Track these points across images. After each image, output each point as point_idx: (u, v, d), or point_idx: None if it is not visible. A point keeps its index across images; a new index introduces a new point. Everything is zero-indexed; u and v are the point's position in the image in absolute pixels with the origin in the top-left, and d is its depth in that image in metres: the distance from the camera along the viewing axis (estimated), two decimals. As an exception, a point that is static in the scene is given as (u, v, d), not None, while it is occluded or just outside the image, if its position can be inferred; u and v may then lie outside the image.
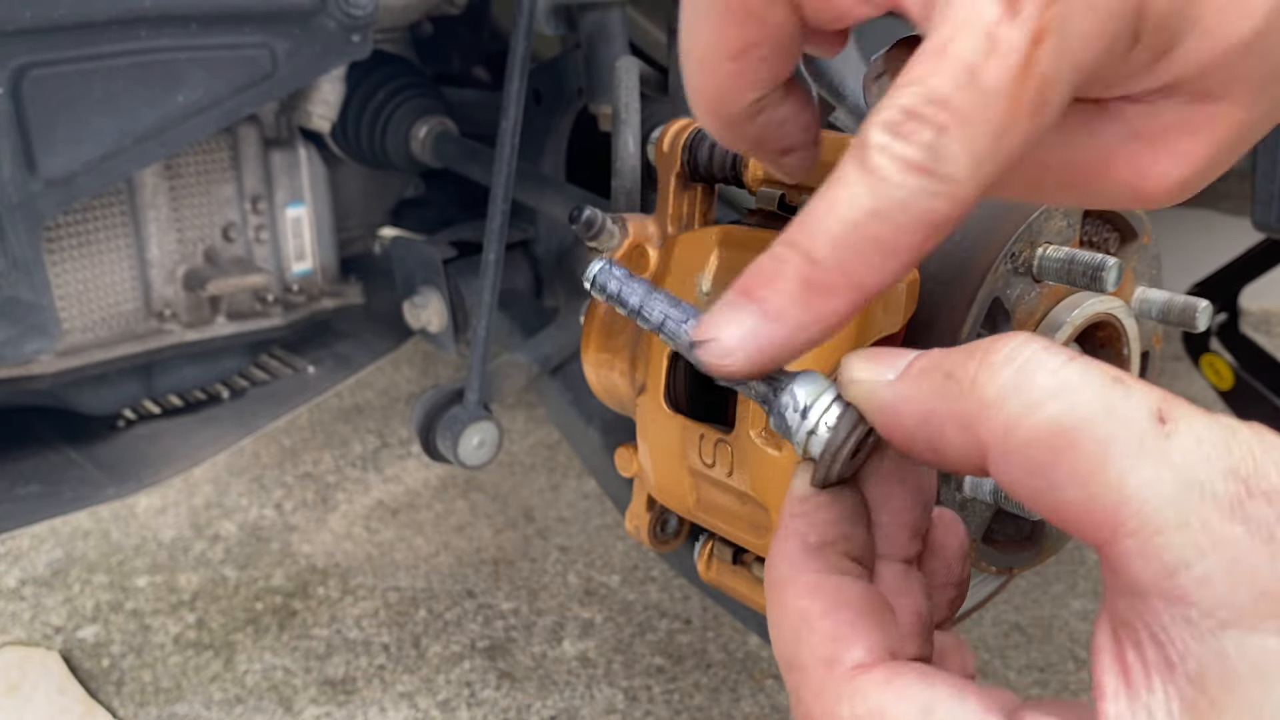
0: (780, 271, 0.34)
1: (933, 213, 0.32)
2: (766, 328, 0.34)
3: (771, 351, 0.34)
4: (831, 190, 0.33)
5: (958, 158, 0.32)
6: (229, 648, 1.63)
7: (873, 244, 0.33)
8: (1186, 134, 0.36)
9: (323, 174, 1.35)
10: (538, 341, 1.15)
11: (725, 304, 0.35)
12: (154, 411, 1.31)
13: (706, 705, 1.51)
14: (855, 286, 0.33)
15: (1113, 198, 0.38)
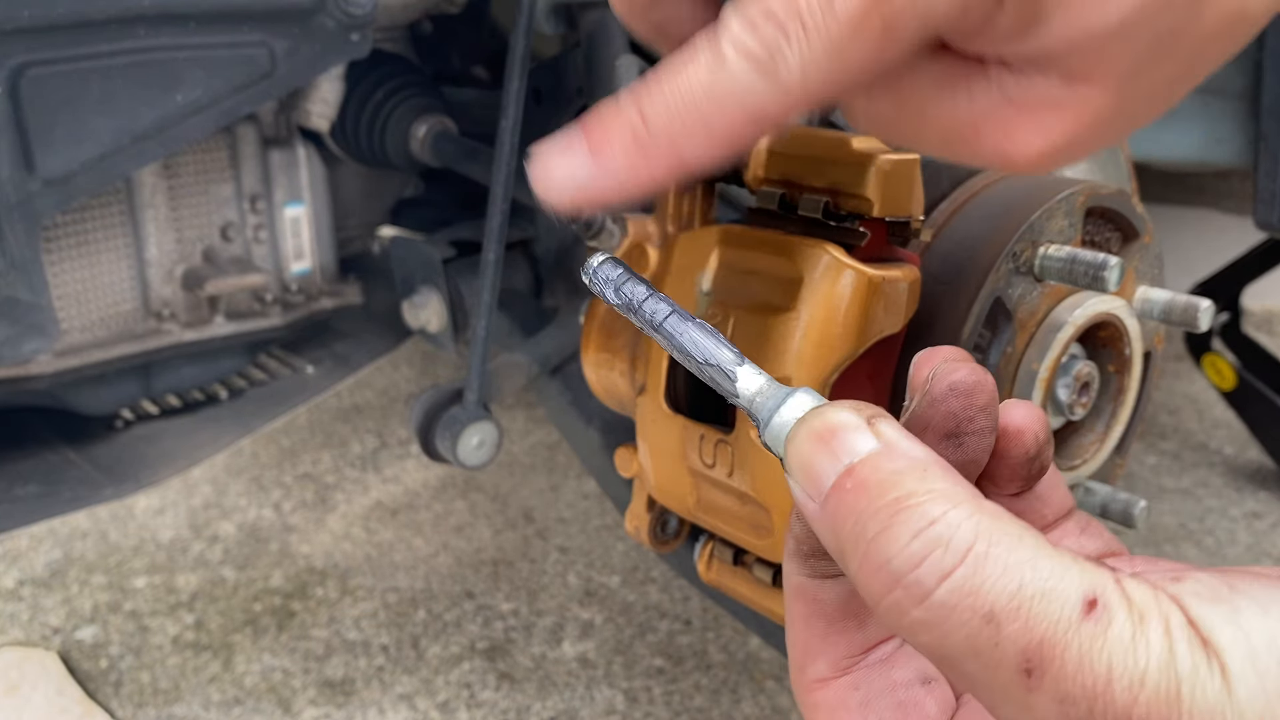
0: (615, 123, 0.36)
1: (757, 106, 0.35)
2: (591, 171, 0.37)
3: (590, 194, 0.37)
4: (680, 60, 0.36)
5: (791, 64, 0.34)
6: (227, 648, 1.63)
7: (698, 120, 0.35)
8: (1052, 109, 0.38)
9: (321, 173, 1.35)
10: (537, 341, 1.15)
11: (566, 141, 0.37)
12: (152, 412, 1.31)
13: (707, 706, 1.51)
14: (675, 155, 0.36)
15: (981, 158, 0.40)
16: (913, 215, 0.66)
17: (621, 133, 0.36)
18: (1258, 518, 1.89)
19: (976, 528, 0.30)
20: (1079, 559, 0.30)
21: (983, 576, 0.30)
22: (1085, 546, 0.41)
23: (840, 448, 0.33)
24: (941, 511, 0.30)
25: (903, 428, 0.34)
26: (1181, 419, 2.24)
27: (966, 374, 0.37)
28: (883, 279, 0.64)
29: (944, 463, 0.32)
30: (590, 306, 0.85)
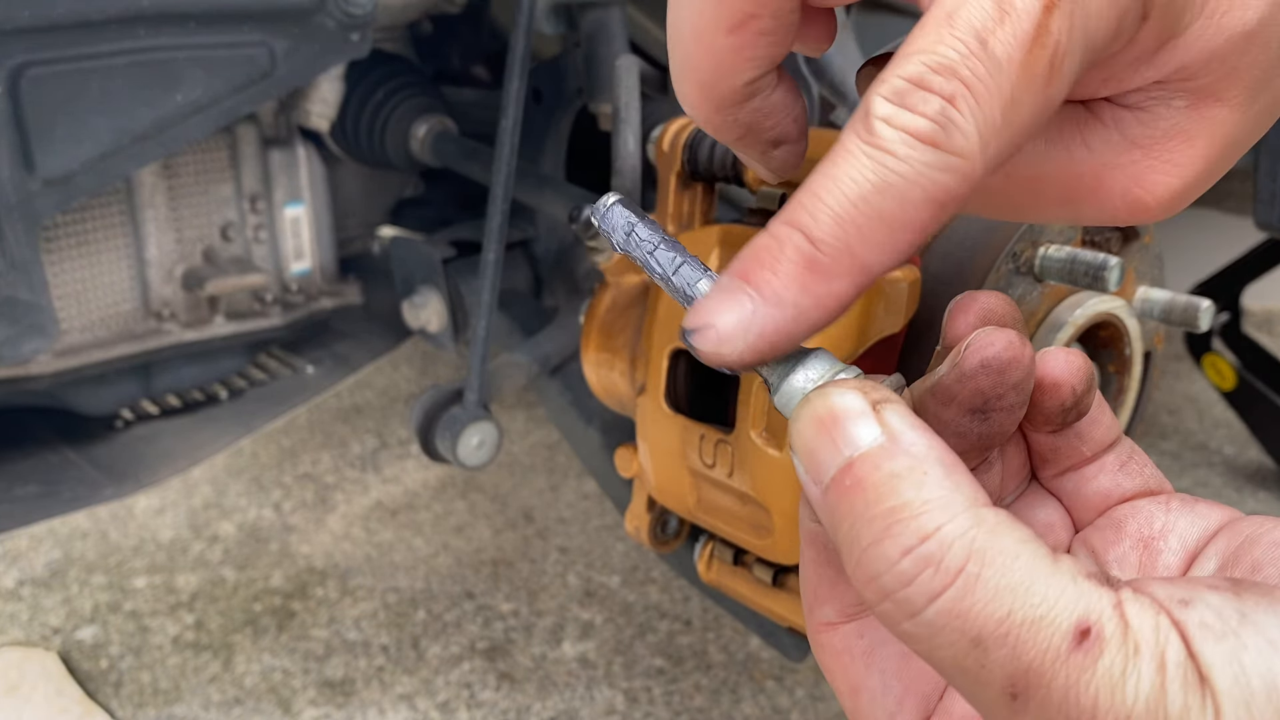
0: (779, 253, 0.32)
1: (941, 188, 0.31)
2: (765, 313, 0.32)
3: (771, 338, 0.33)
4: (833, 164, 0.32)
5: (967, 130, 0.30)
6: (227, 649, 1.63)
7: (877, 222, 0.31)
8: (1183, 141, 0.35)
9: (321, 173, 1.35)
10: (537, 341, 1.15)
11: (721, 287, 0.33)
12: (152, 412, 1.31)
13: (707, 707, 1.51)
14: (859, 267, 0.32)
15: (1110, 211, 0.37)
16: (913, 215, 0.66)
17: (789, 263, 0.32)
18: (1258, 518, 1.89)
19: (970, 546, 0.29)
20: (1079, 579, 0.29)
21: (971, 600, 0.29)
22: (1121, 485, 0.40)
23: (842, 438, 0.32)
24: (935, 527, 0.29)
25: (909, 414, 0.32)
26: (1181, 419, 2.24)
27: (1002, 349, 0.35)
28: (884, 280, 0.64)
29: (949, 460, 0.31)
30: (590, 306, 0.85)
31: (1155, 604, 0.29)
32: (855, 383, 0.33)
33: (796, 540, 0.68)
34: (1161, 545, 0.38)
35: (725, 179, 0.75)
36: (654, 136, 0.80)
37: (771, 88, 0.39)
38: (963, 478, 0.31)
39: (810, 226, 0.32)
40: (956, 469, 0.31)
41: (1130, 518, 0.39)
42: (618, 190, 0.88)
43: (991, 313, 0.38)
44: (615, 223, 0.38)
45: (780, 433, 0.66)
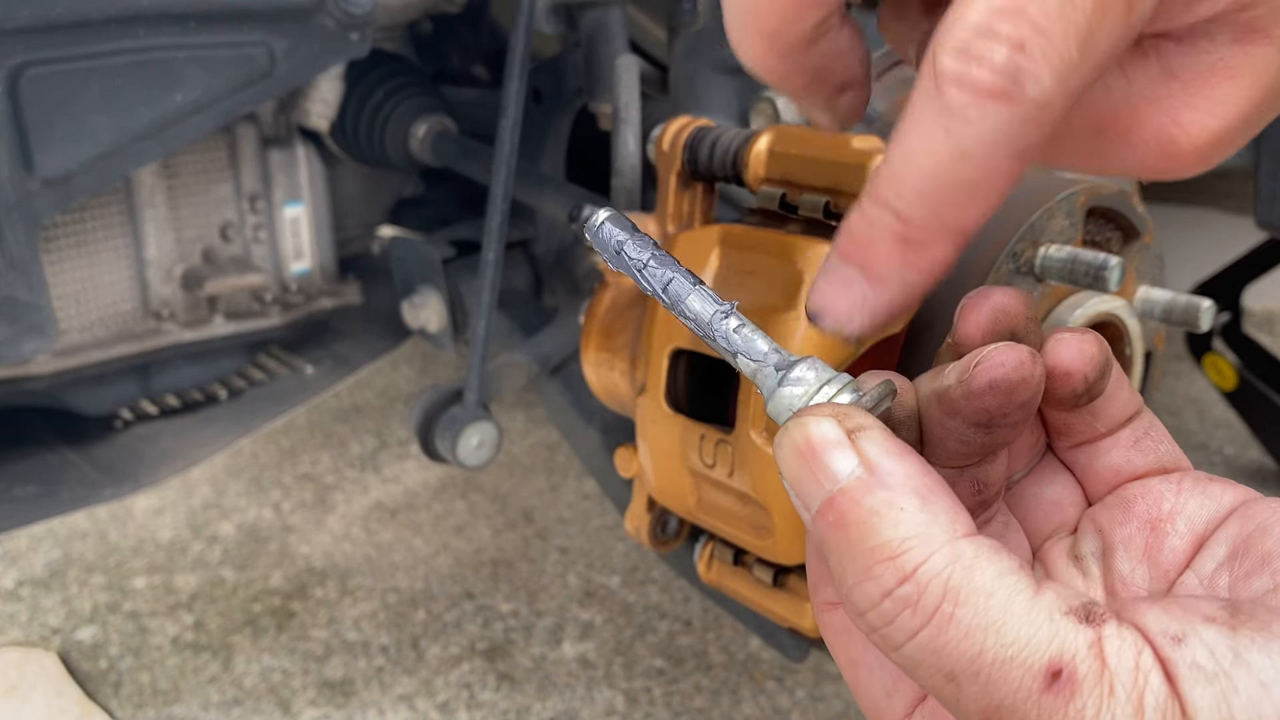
0: (874, 234, 0.32)
1: (1021, 140, 0.29)
2: (874, 292, 0.33)
3: (885, 311, 0.34)
4: (909, 135, 0.31)
5: (1040, 76, 0.28)
6: (227, 649, 1.63)
7: (962, 188, 0.30)
8: (1227, 77, 0.33)
9: (321, 173, 1.35)
10: (537, 341, 1.15)
11: (829, 273, 0.34)
12: (151, 412, 1.30)
13: (707, 707, 1.50)
14: (952, 232, 0.32)
15: (1140, 153, 0.35)
16: (913, 215, 0.66)
17: (885, 241, 0.32)
18: (1258, 518, 1.89)
19: (945, 585, 0.30)
20: (1057, 616, 0.29)
21: (945, 639, 0.29)
22: (1134, 461, 0.39)
23: (821, 472, 0.32)
24: (913, 567, 0.30)
25: (886, 440, 0.32)
26: (1182, 419, 2.24)
27: (1011, 370, 0.35)
28: (883, 279, 0.64)
29: (927, 487, 0.31)
30: (590, 306, 0.85)
31: (1144, 639, 0.29)
32: (831, 409, 0.34)
33: (796, 541, 0.68)
34: (1169, 528, 0.38)
35: (725, 179, 0.75)
36: (654, 136, 0.80)
37: (837, 28, 0.37)
38: (941, 505, 0.31)
39: (897, 205, 0.32)
40: (935, 496, 0.31)
41: (1140, 498, 0.39)
42: (617, 191, 0.88)
43: (1004, 313, 0.37)
44: (605, 240, 0.39)
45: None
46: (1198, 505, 0.38)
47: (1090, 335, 0.37)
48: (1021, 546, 0.41)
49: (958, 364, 0.36)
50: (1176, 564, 0.37)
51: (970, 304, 0.37)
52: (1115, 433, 0.39)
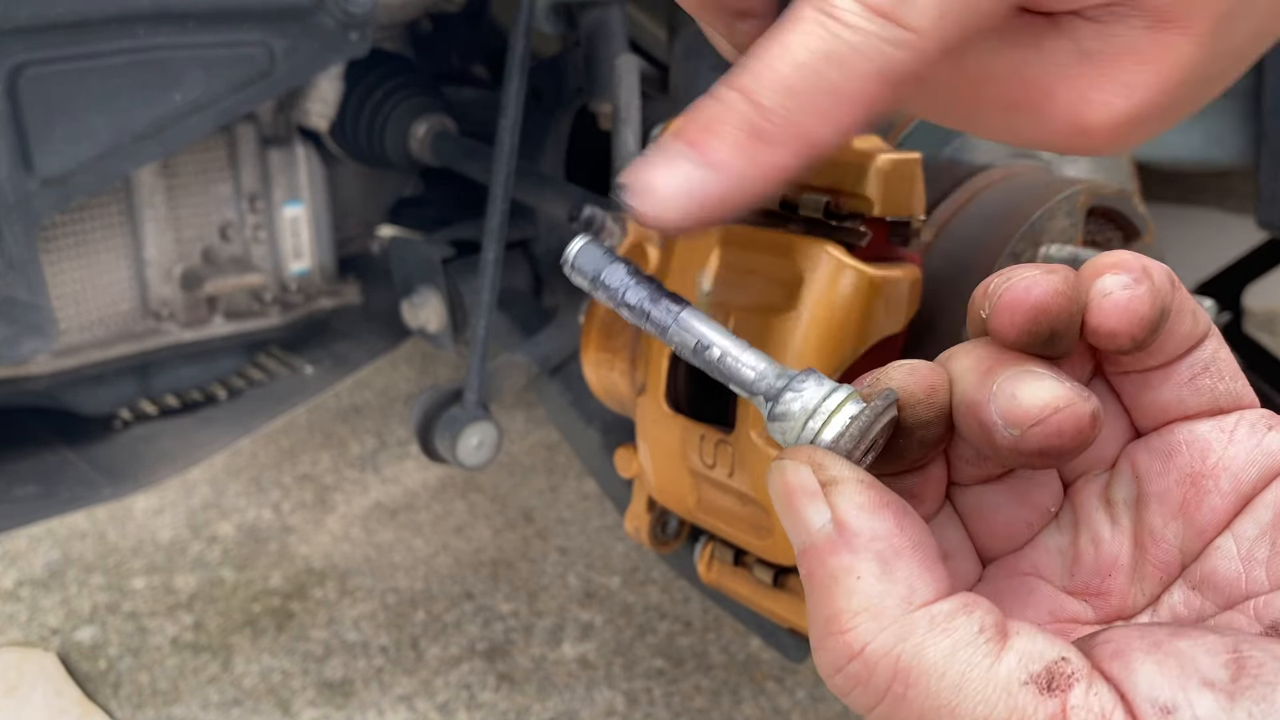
0: (723, 117, 0.31)
1: (892, 63, 0.30)
2: (704, 176, 0.31)
3: (713, 203, 0.31)
4: (784, 31, 0.31)
5: (923, 5, 0.29)
6: (226, 649, 1.63)
7: (824, 92, 0.30)
8: (1136, 62, 0.33)
9: (321, 173, 1.35)
10: (537, 341, 1.15)
11: (661, 150, 0.32)
12: (151, 412, 1.30)
13: (707, 708, 1.50)
14: (802, 137, 0.31)
15: (1051, 129, 0.34)
16: (914, 215, 0.65)
17: (732, 123, 0.31)
18: (1258, 518, 1.89)
19: (894, 666, 0.29)
20: (1016, 688, 0.28)
21: (900, 718, 0.29)
22: (1185, 401, 0.35)
23: (797, 521, 0.32)
24: (860, 646, 0.29)
25: (859, 494, 0.31)
26: (1182, 419, 2.24)
27: (1069, 438, 0.32)
28: (884, 279, 0.64)
29: (891, 551, 0.30)
30: (590, 306, 0.85)
31: (1122, 704, 0.28)
32: (809, 454, 0.32)
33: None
34: (1211, 485, 0.35)
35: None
36: (654, 135, 0.80)
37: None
38: (904, 571, 0.30)
39: (756, 92, 0.31)
40: (899, 560, 0.30)
41: (1185, 447, 0.36)
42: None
43: (1045, 314, 0.33)
44: (584, 272, 0.38)
45: (781, 433, 0.65)
46: (1248, 458, 0.35)
47: (1141, 293, 0.33)
48: (1051, 488, 0.38)
49: (1001, 404, 0.33)
50: (1215, 524, 0.35)
51: (1008, 301, 0.34)
52: (1170, 365, 0.36)
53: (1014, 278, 0.33)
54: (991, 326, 0.34)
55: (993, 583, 0.37)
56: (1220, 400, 0.36)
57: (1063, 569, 0.37)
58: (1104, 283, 0.34)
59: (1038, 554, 0.38)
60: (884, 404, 0.34)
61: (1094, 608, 0.36)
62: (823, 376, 0.35)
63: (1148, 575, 0.36)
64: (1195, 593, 0.35)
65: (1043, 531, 0.38)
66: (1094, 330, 0.34)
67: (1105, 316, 0.33)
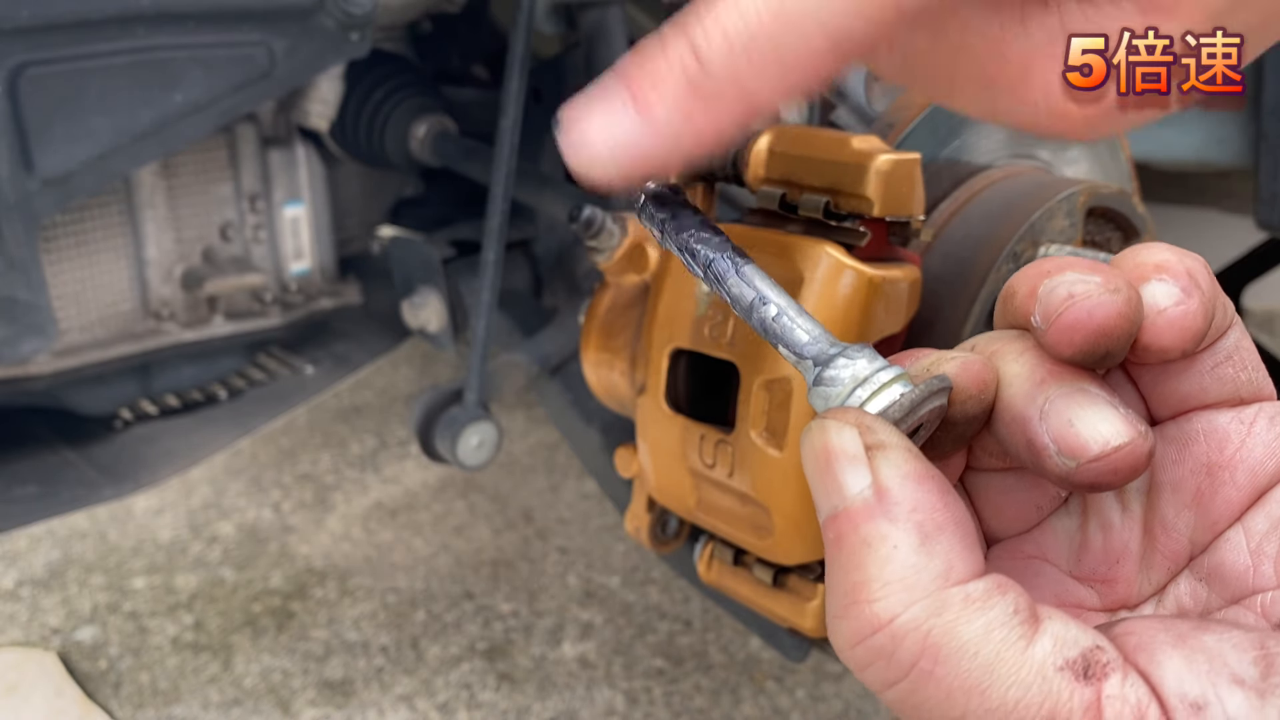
0: (665, 67, 0.30)
1: (843, 29, 0.28)
2: (640, 130, 0.30)
3: (640, 156, 0.30)
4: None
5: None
6: (227, 649, 1.63)
7: (770, 54, 0.29)
8: None
9: (321, 173, 1.35)
10: (537, 341, 1.15)
11: (602, 89, 0.31)
12: (151, 412, 1.30)
13: (707, 707, 1.50)
14: (744, 97, 0.29)
15: (1029, 108, 0.33)
16: (913, 215, 0.66)
17: (673, 78, 0.30)
18: (1258, 518, 1.89)
19: (923, 641, 0.27)
20: (1050, 673, 0.27)
21: (924, 696, 0.28)
22: (1207, 390, 0.34)
23: (832, 483, 0.30)
24: (889, 617, 0.28)
25: (906, 462, 0.29)
26: (1182, 419, 2.24)
27: (1125, 475, 0.31)
28: (883, 279, 0.64)
29: (932, 523, 0.29)
30: (590, 306, 0.85)
31: (1155, 698, 0.27)
32: (857, 416, 0.31)
33: (796, 541, 0.68)
34: (1227, 477, 0.34)
35: (725, 179, 0.75)
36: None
37: None
38: (943, 546, 0.29)
39: (702, 46, 0.30)
40: (940, 534, 0.29)
41: (1202, 437, 0.35)
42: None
43: (1106, 337, 0.32)
44: (650, 219, 0.37)
45: (780, 433, 0.65)
46: (1265, 451, 0.34)
47: (1194, 308, 0.32)
48: None
49: (1056, 429, 0.31)
50: (1228, 516, 0.34)
51: (1070, 321, 0.31)
52: (1195, 355, 0.34)
53: (1076, 296, 0.31)
54: (1047, 340, 0.32)
55: (997, 564, 0.36)
56: (1241, 390, 0.35)
57: (1070, 554, 0.36)
58: (1154, 295, 0.32)
59: (1045, 537, 0.37)
60: (937, 387, 0.32)
61: (1099, 595, 0.36)
62: (877, 353, 0.34)
63: (1155, 565, 0.35)
64: (1202, 585, 0.34)
65: (1052, 515, 0.37)
66: (1146, 347, 0.32)
67: (1159, 334, 0.32)
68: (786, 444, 0.65)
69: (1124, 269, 0.33)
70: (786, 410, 0.64)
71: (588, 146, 0.31)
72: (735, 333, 0.67)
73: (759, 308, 0.35)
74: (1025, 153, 0.77)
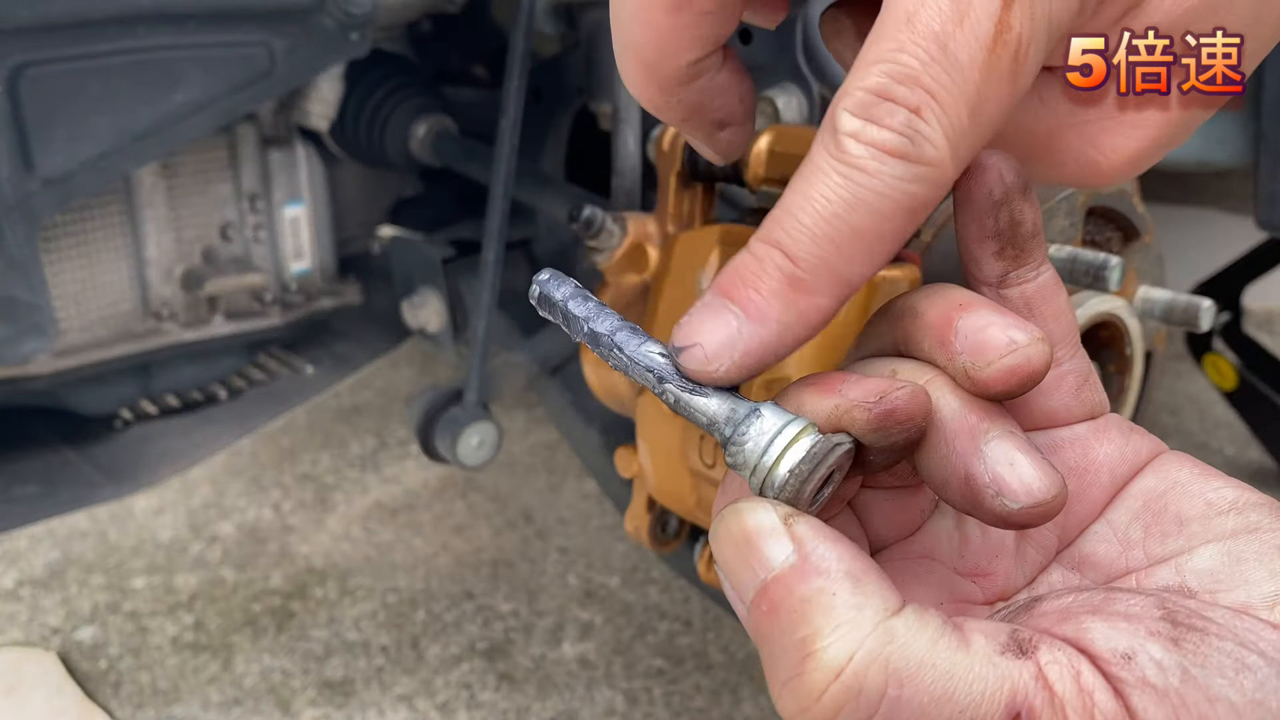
0: (760, 271, 0.32)
1: (913, 198, 0.31)
2: (751, 330, 0.33)
3: (759, 354, 0.33)
4: (806, 182, 0.32)
5: (935, 139, 0.30)
6: (227, 649, 1.63)
7: (853, 236, 0.31)
8: (1138, 107, 0.34)
9: (321, 173, 1.35)
10: (537, 341, 1.15)
11: (705, 306, 0.33)
12: (151, 412, 1.30)
13: (707, 707, 1.50)
14: (839, 281, 0.32)
15: (1061, 172, 0.36)
16: (913, 215, 0.66)
17: (772, 280, 0.32)
18: (1258, 518, 1.89)
19: (885, 669, 0.29)
20: (995, 659, 0.29)
21: (900, 719, 0.29)
22: (1071, 409, 0.38)
23: (756, 560, 0.32)
24: (847, 656, 0.29)
25: (820, 525, 0.32)
26: (1182, 419, 2.24)
27: (1035, 497, 0.34)
28: (883, 279, 0.64)
29: (858, 568, 0.31)
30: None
31: (1083, 655, 0.30)
32: (759, 502, 0.33)
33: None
34: (1092, 479, 0.38)
35: (725, 179, 0.75)
36: (654, 136, 0.80)
37: (716, 68, 0.38)
38: (873, 585, 0.31)
39: (788, 244, 0.32)
40: (865, 578, 0.31)
41: (1069, 444, 0.39)
42: (617, 191, 0.88)
43: (1037, 377, 0.35)
44: (549, 303, 0.38)
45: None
46: (1119, 456, 0.39)
47: (1007, 154, 0.36)
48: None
49: (997, 472, 0.34)
50: (1091, 512, 0.38)
51: (1013, 364, 0.34)
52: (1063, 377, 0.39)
53: (1019, 343, 0.34)
54: (981, 377, 0.34)
55: (891, 565, 0.39)
56: (1095, 409, 0.39)
57: (953, 551, 0.39)
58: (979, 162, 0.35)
59: (929, 538, 0.40)
60: (841, 441, 0.34)
61: (981, 588, 0.39)
62: (780, 408, 0.35)
63: (1028, 558, 0.39)
64: (1073, 573, 0.38)
65: (933, 515, 0.40)
66: (968, 169, 0.35)
67: (981, 156, 0.35)
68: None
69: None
70: (786, 410, 0.64)
71: (711, 359, 0.33)
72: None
73: (658, 388, 0.36)
74: (1025, 153, 0.77)
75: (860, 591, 0.30)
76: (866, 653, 0.29)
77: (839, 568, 0.31)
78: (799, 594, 0.30)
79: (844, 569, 0.31)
